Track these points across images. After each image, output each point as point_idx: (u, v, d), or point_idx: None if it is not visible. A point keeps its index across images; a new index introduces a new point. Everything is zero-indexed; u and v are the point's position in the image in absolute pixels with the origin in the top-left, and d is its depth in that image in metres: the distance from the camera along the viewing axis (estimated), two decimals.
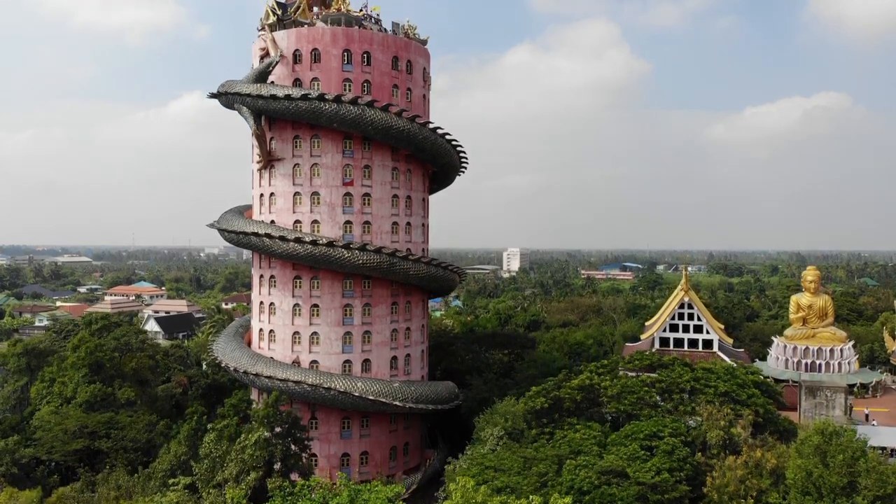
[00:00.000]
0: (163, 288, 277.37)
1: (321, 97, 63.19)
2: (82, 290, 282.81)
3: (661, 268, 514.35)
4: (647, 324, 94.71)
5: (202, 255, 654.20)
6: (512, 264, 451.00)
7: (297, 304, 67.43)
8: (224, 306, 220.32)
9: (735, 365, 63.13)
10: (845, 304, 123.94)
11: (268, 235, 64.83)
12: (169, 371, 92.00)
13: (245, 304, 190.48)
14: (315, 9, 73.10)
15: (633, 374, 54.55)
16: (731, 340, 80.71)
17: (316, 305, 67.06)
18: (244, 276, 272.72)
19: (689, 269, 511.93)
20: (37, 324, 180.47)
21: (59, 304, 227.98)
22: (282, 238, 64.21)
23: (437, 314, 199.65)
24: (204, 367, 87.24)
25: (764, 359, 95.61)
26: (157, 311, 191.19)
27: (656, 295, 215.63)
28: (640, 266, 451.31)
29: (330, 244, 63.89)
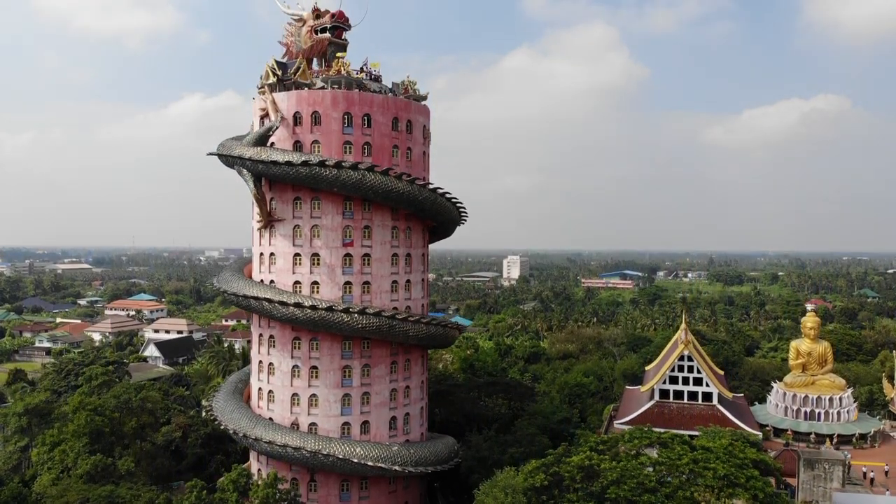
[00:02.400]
0: (163, 300, 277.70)
1: (322, 163, 63.14)
2: (82, 302, 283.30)
3: (660, 274, 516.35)
4: (647, 368, 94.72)
5: (202, 259, 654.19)
6: (512, 272, 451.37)
7: (296, 366, 67.47)
8: (224, 322, 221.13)
9: (735, 431, 63.25)
10: (845, 338, 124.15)
11: (267, 300, 64.86)
12: (169, 412, 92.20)
13: (245, 322, 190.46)
14: (316, 65, 73.07)
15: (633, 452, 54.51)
16: (730, 395, 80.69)
17: (315, 367, 67.07)
18: None
19: (689, 275, 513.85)
20: (37, 344, 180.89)
21: (59, 319, 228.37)
22: (281, 303, 64.20)
23: None
24: (204, 413, 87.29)
25: (763, 400, 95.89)
26: (157, 331, 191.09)
27: (656, 314, 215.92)
28: (639, 274, 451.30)
29: (329, 309, 63.88)
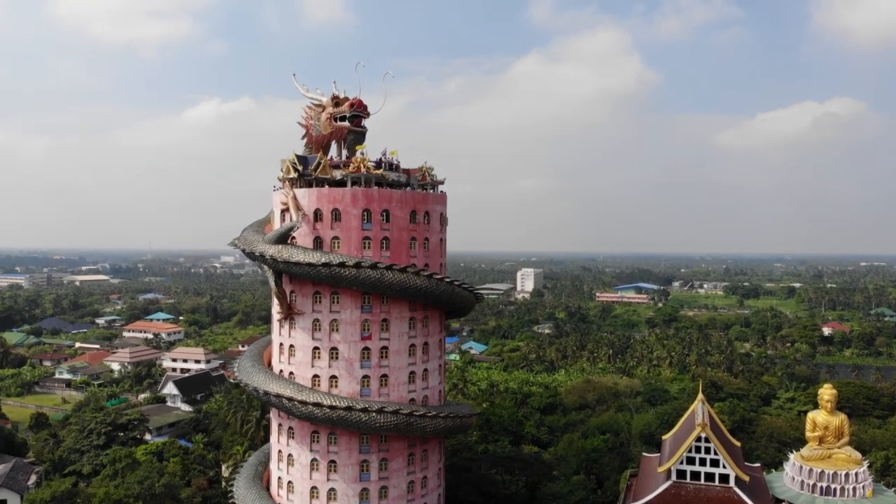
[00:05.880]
0: (180, 319, 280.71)
1: (341, 264, 63.85)
2: (101, 321, 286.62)
3: (675, 285, 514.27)
4: (664, 438, 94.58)
5: (218, 265, 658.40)
6: (526, 285, 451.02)
7: (314, 459, 68.29)
8: (241, 348, 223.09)
9: None
10: (861, 392, 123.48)
11: (288, 398, 65.70)
12: (189, 473, 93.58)
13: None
14: (334, 149, 73.75)
15: None
16: (747, 477, 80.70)
17: (333, 461, 67.84)
18: (260, 309, 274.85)
19: (704, 286, 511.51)
20: (57, 376, 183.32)
21: (78, 344, 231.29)
22: (301, 402, 65.02)
23: (451, 357, 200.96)
24: (224, 485, 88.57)
25: (780, 464, 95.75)
26: (174, 359, 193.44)
27: (673, 342, 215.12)
28: (654, 287, 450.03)
29: (348, 408, 64.62)
